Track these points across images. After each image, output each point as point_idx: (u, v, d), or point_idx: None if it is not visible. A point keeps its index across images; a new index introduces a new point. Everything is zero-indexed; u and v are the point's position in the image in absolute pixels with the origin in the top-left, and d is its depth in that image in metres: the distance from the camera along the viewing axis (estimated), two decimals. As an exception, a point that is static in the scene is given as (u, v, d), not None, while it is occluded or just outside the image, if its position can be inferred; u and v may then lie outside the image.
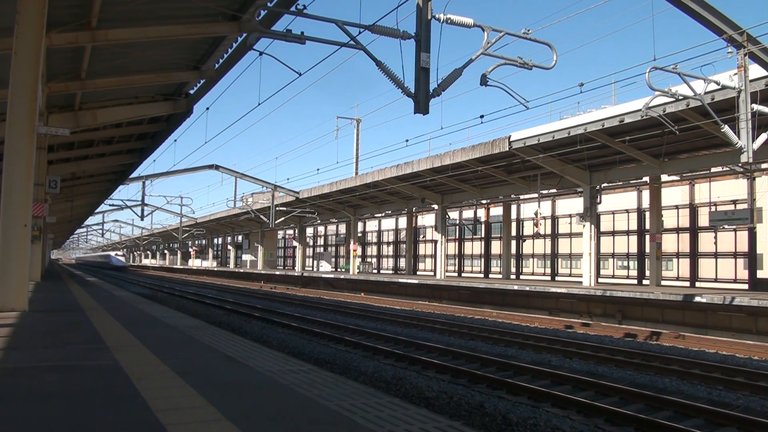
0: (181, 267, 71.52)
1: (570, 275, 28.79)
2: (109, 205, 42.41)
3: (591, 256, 21.10)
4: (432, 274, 34.07)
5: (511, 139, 20.08)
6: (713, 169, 21.32)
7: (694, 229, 23.39)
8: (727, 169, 20.55)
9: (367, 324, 15.66)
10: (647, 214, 22.76)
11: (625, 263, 27.13)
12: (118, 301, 12.60)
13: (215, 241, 71.12)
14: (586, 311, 18.61)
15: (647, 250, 22.83)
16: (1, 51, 10.34)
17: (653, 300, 16.43)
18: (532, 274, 31.63)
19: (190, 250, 73.00)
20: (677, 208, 24.03)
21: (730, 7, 60.87)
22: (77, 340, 6.51)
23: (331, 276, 35.97)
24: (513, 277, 29.30)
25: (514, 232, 30.50)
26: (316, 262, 48.44)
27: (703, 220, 22.69)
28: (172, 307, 14.26)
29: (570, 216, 28.51)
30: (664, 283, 21.83)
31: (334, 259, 48.03)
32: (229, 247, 65.60)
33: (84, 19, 11.12)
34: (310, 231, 52.29)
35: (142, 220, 41.87)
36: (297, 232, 46.97)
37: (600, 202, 21.42)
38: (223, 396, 3.88)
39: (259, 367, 4.99)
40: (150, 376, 4.49)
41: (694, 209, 23.40)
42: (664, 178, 21.91)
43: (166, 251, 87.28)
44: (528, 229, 30.69)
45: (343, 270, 43.27)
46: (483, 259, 34.38)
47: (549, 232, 29.99)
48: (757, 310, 14.05)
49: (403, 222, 39.18)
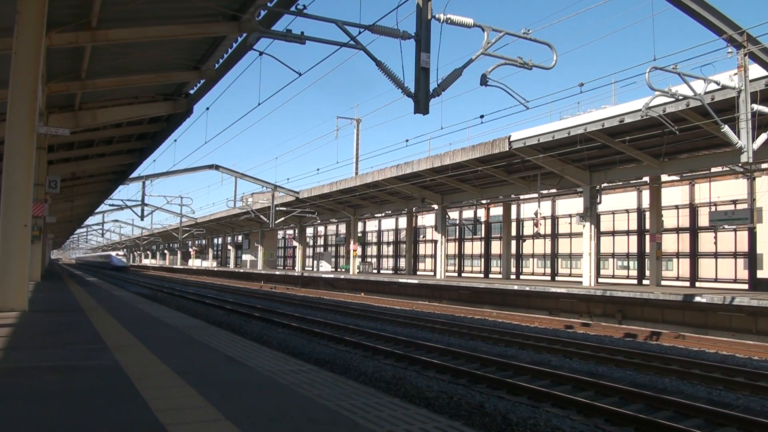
0: (181, 267, 71.54)
1: (570, 275, 28.79)
2: (109, 205, 42.50)
3: (591, 256, 21.11)
4: (432, 274, 34.07)
5: (511, 139, 20.08)
6: (713, 169, 21.32)
7: (694, 229, 23.39)
8: (727, 169, 20.56)
9: (367, 324, 15.66)
10: (647, 214, 22.77)
11: (625, 263, 27.14)
12: (118, 301, 12.60)
13: (215, 241, 71.13)
14: (586, 311, 18.61)
15: (647, 250, 22.83)
16: (1, 51, 10.34)
17: (653, 300, 16.43)
18: (532, 274, 31.63)
19: (190, 250, 73.00)
20: (677, 208, 24.03)
21: (730, 7, 60.90)
22: (77, 340, 6.51)
23: (331, 276, 35.97)
24: (513, 277, 29.30)
25: (514, 232, 30.51)
26: (316, 262, 48.44)
27: (703, 220, 22.69)
28: (172, 307, 14.26)
29: (570, 216, 28.52)
30: (664, 283, 21.83)
31: (334, 259, 48.03)
32: (229, 247, 65.60)
33: (84, 19, 11.13)
34: (310, 231, 52.30)
35: (142, 220, 41.98)
36: (297, 232, 46.98)
37: (600, 202, 21.42)
38: (223, 396, 3.88)
39: (259, 367, 4.99)
40: (150, 376, 4.49)
41: (694, 209, 23.40)
42: (664, 178, 21.91)
43: (166, 251, 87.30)
44: (528, 229, 30.69)
45: (343, 270, 43.27)
46: (483, 259, 34.38)
47: (549, 232, 29.99)
48: (757, 310, 14.06)
49: (403, 222, 39.18)
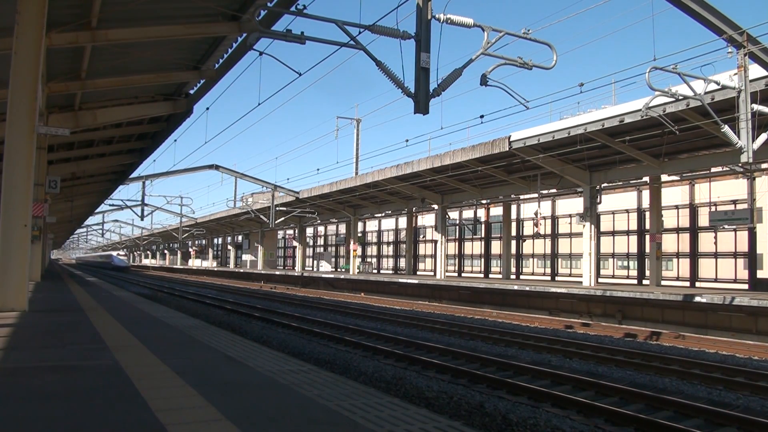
0: (181, 267, 71.54)
1: (570, 275, 28.79)
2: (109, 205, 42.50)
3: (591, 256, 21.11)
4: (432, 274, 34.07)
5: (511, 139, 20.08)
6: (713, 169, 21.32)
7: (694, 229, 23.39)
8: (727, 169, 20.56)
9: (367, 324, 15.66)
10: (647, 214, 22.77)
11: (625, 263, 27.13)
12: (118, 301, 12.60)
13: (215, 241, 71.13)
14: (586, 311, 18.61)
15: (647, 250, 22.83)
16: (1, 51, 10.34)
17: (653, 300, 16.43)
18: (532, 274, 31.63)
19: (190, 250, 73.01)
20: (677, 208, 24.03)
21: (730, 7, 60.92)
22: (77, 340, 6.51)
23: (331, 276, 35.97)
24: (513, 277, 29.30)
25: (514, 232, 30.51)
26: (316, 262, 48.43)
27: (703, 220, 22.69)
28: (172, 307, 14.26)
29: (570, 216, 28.52)
30: (664, 283, 21.83)
31: (334, 259, 48.02)
32: (229, 247, 65.60)
33: (84, 19, 11.13)
34: (310, 231, 52.30)
35: (142, 220, 41.98)
36: (297, 232, 46.97)
37: (600, 202, 21.42)
38: (224, 396, 3.88)
39: (259, 367, 4.99)
40: (150, 376, 4.49)
41: (694, 209, 23.40)
42: (664, 178, 21.91)
43: (166, 251, 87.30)
44: (528, 229, 30.69)
45: (343, 270, 43.27)
46: (483, 259, 34.38)
47: (549, 232, 29.99)
48: (757, 310, 14.06)
49: (403, 222, 39.18)
